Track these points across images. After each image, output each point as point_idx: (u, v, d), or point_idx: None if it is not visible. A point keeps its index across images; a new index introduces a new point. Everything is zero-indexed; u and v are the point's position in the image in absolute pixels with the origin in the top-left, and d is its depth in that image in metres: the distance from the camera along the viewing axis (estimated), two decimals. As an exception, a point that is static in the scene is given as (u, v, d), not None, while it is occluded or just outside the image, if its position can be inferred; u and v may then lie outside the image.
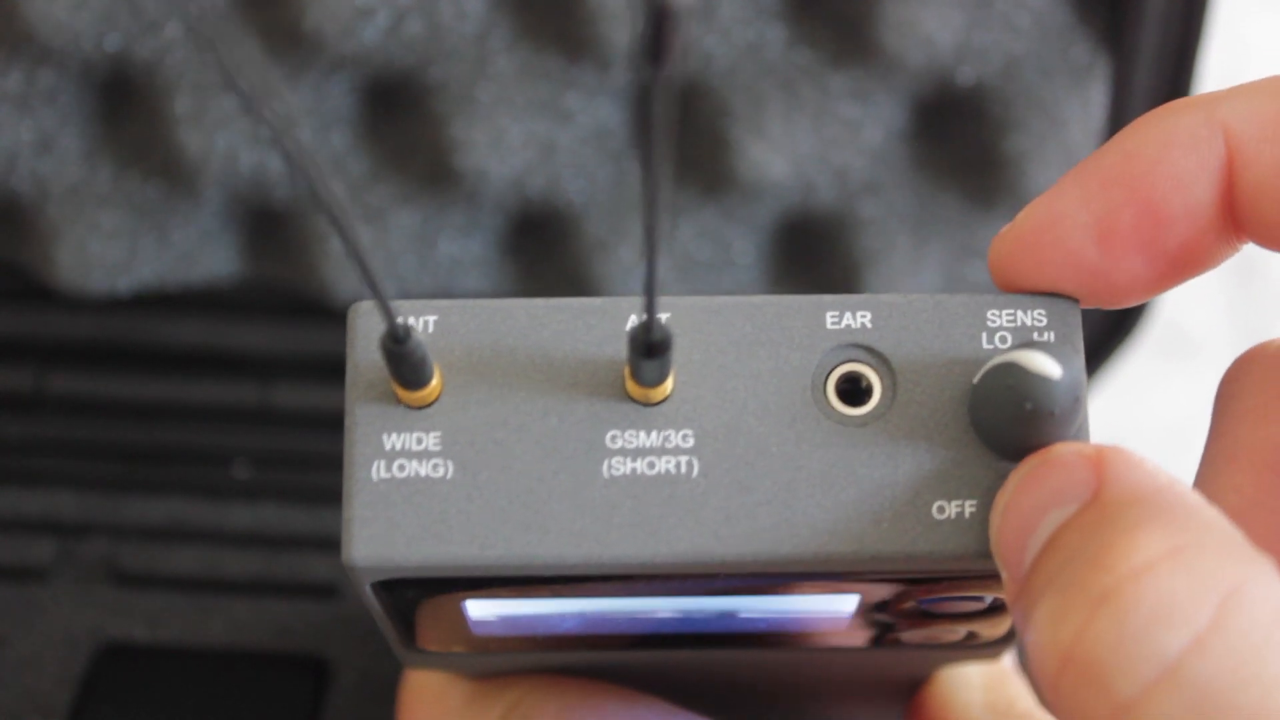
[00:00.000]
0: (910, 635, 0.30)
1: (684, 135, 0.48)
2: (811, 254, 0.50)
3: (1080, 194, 0.25)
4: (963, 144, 0.49)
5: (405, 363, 0.24)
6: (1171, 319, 0.64)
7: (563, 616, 0.28)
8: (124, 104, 0.49)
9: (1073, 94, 0.48)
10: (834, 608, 0.28)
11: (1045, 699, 0.21)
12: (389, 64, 0.48)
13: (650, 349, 0.23)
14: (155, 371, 0.51)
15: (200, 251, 0.50)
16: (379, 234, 0.49)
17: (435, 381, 0.25)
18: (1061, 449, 0.23)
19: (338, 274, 0.49)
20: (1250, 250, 0.26)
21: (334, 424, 0.50)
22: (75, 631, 0.47)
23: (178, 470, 0.50)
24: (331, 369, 0.50)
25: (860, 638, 0.30)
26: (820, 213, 0.50)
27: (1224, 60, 0.58)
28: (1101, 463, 0.22)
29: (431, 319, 0.25)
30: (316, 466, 0.50)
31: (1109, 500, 0.22)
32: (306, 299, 0.50)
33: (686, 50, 0.17)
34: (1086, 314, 0.26)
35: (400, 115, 0.49)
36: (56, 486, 0.50)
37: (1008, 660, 0.36)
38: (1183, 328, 0.65)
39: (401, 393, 0.24)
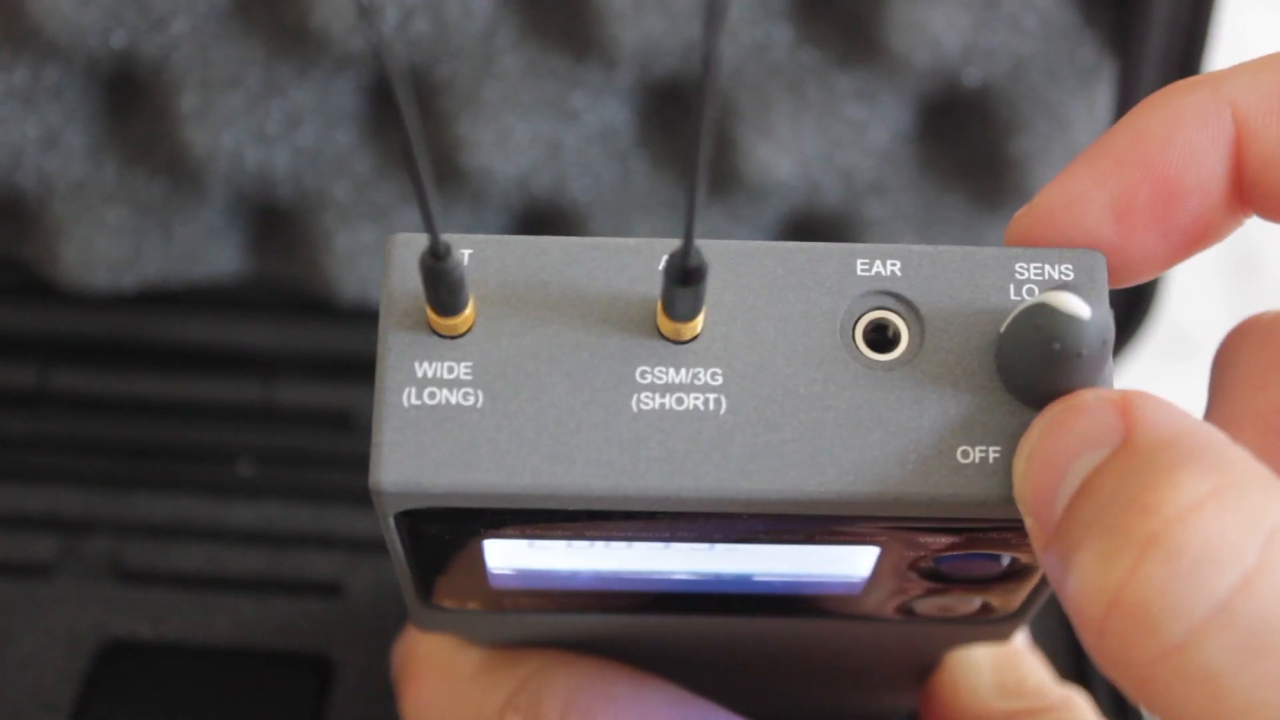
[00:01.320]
0: (925, 605, 0.30)
1: (688, 135, 0.48)
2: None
3: (1094, 174, 0.25)
4: (969, 145, 0.49)
5: (443, 282, 0.24)
6: (1172, 319, 0.64)
7: (579, 572, 0.29)
8: (129, 101, 0.48)
9: (1079, 95, 0.48)
10: (851, 568, 0.28)
11: (1089, 643, 0.21)
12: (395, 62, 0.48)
13: (686, 276, 0.23)
14: (159, 368, 0.51)
15: (205, 248, 0.50)
16: (385, 231, 0.49)
17: (469, 311, 0.25)
18: (1085, 394, 0.23)
19: (342, 271, 0.49)
20: (1250, 249, 0.27)
21: (338, 422, 0.50)
22: (79, 628, 0.47)
23: (181, 467, 0.50)
24: (336, 366, 0.50)
25: (874, 606, 0.30)
26: (826, 213, 0.50)
27: (1227, 59, 0.58)
28: (1128, 406, 0.23)
29: (467, 252, 0.25)
30: (321, 464, 0.50)
31: (1141, 443, 0.22)
32: (311, 296, 0.50)
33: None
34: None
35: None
36: (60, 483, 0.50)
37: (1020, 639, 0.36)
38: (1183, 328, 0.65)
39: (435, 320, 0.25)
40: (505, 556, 0.28)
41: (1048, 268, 0.25)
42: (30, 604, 0.47)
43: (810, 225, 0.50)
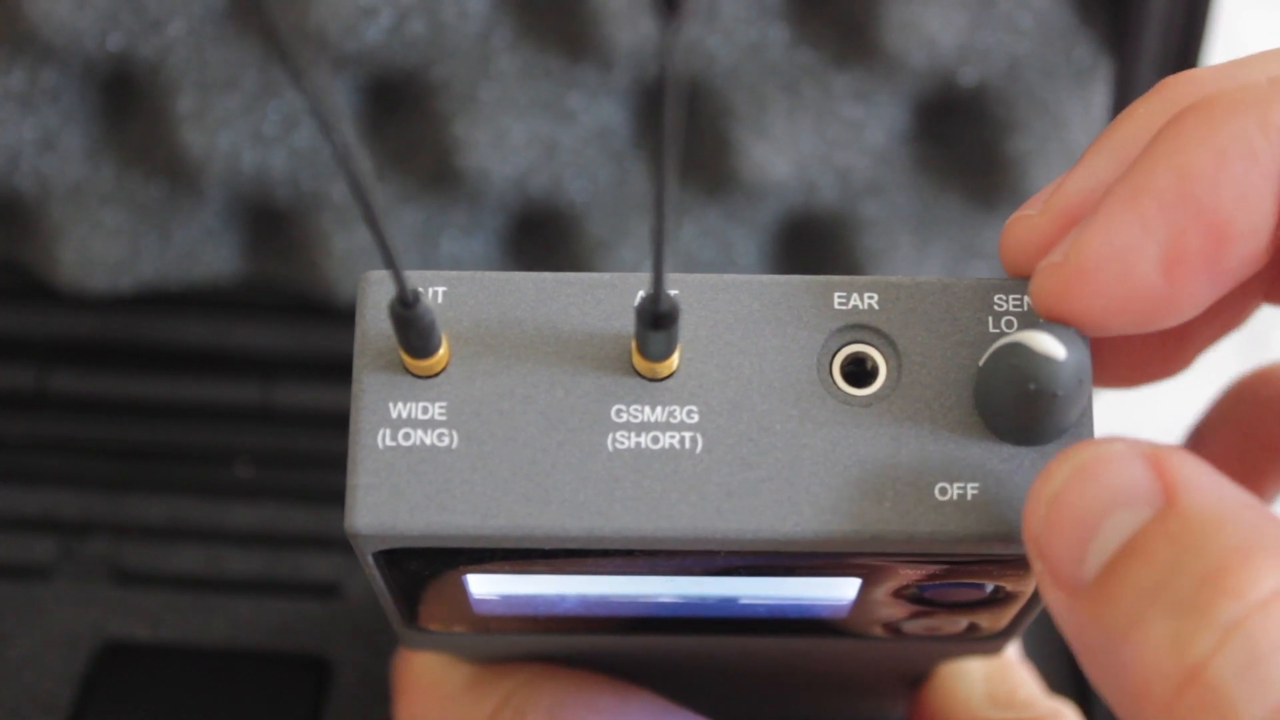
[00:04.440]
0: (911, 626, 0.30)
1: (687, 135, 0.48)
2: (814, 254, 0.50)
3: (1140, 222, 0.23)
4: (965, 145, 0.49)
5: (413, 328, 0.24)
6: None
7: (564, 596, 0.29)
8: (127, 103, 0.48)
9: (1075, 95, 0.48)
10: (835, 594, 0.28)
11: (1148, 715, 0.21)
12: (391, 63, 0.48)
13: (657, 320, 0.23)
14: (157, 370, 0.51)
15: (202, 250, 0.50)
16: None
17: (443, 351, 0.25)
18: (1112, 443, 0.23)
19: (340, 273, 0.49)
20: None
21: (336, 423, 0.50)
22: (77, 630, 0.47)
23: (179, 469, 0.50)
24: (334, 368, 0.50)
25: (861, 626, 0.30)
26: (822, 213, 0.50)
27: (1223, 59, 0.58)
28: (1161, 463, 0.22)
29: (440, 290, 0.25)
30: (318, 466, 0.50)
31: (1192, 512, 0.22)
32: (308, 298, 0.50)
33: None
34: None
35: (403, 114, 0.49)
36: (58, 485, 0.50)
37: (1011, 651, 0.36)
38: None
39: (409, 361, 0.25)
40: (488, 585, 0.28)
41: (1026, 299, 0.25)
42: (28, 605, 0.47)
43: (807, 225, 0.50)
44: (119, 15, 0.47)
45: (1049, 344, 0.23)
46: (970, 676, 0.36)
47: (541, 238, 0.50)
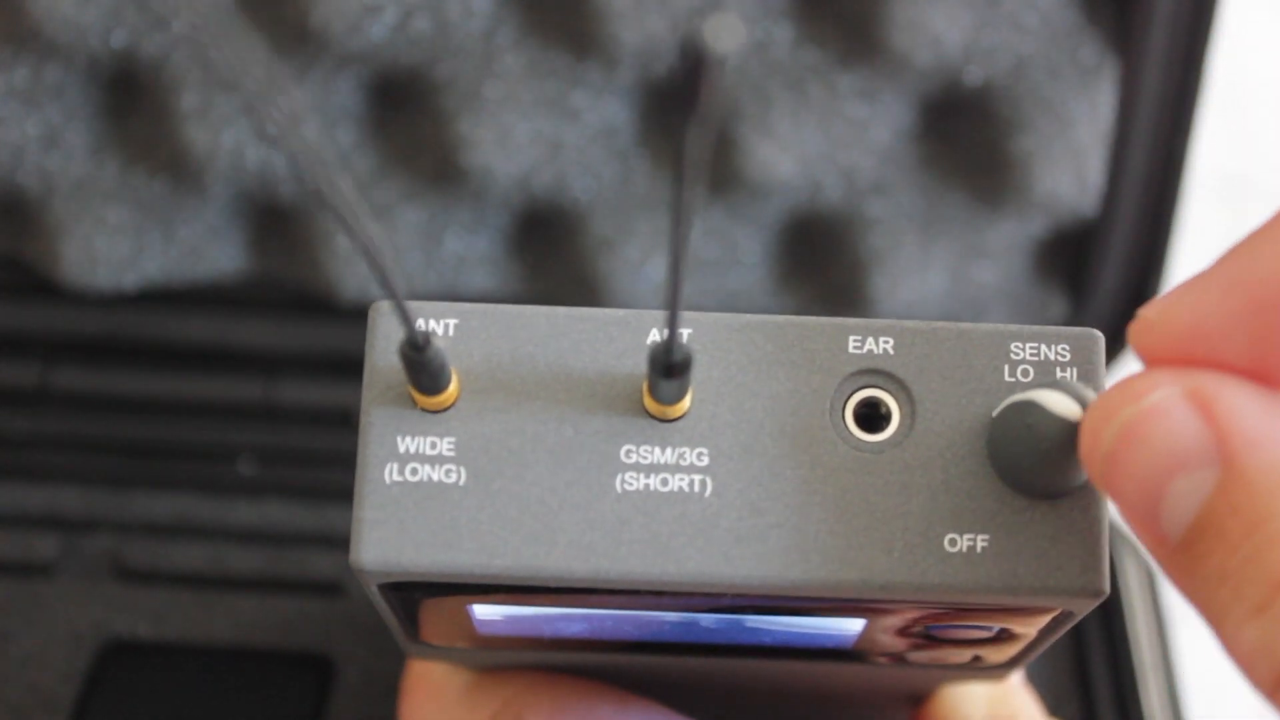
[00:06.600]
0: (917, 656, 0.30)
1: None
2: (818, 253, 0.50)
3: (1230, 313, 0.22)
4: (970, 144, 0.49)
5: (424, 370, 0.24)
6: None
7: (568, 620, 0.28)
8: (130, 100, 0.48)
9: (1081, 94, 0.48)
10: (840, 629, 0.28)
11: (1259, 691, 0.22)
12: (396, 61, 0.48)
13: (670, 369, 0.23)
14: (161, 367, 0.51)
15: (206, 247, 0.50)
16: (385, 231, 0.49)
17: (453, 386, 0.24)
18: (1155, 389, 0.22)
19: (344, 270, 0.49)
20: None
21: (340, 421, 0.50)
22: (80, 628, 0.47)
23: (183, 466, 0.50)
24: (337, 365, 0.50)
25: (866, 655, 0.30)
26: (827, 212, 0.50)
27: (1228, 60, 0.57)
28: (1211, 408, 0.22)
29: (452, 323, 0.25)
30: (322, 463, 0.50)
31: (1255, 478, 0.21)
32: (312, 295, 0.50)
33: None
34: (1088, 316, 0.26)
35: (407, 112, 0.49)
36: (61, 482, 0.50)
37: (1015, 675, 0.36)
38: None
39: (418, 397, 0.24)
40: (492, 610, 0.28)
41: (1044, 348, 0.25)
42: (31, 603, 0.47)
43: (812, 224, 0.50)
44: (123, 12, 0.47)
45: (1065, 405, 0.23)
46: (972, 698, 0.36)
47: (545, 236, 0.50)
